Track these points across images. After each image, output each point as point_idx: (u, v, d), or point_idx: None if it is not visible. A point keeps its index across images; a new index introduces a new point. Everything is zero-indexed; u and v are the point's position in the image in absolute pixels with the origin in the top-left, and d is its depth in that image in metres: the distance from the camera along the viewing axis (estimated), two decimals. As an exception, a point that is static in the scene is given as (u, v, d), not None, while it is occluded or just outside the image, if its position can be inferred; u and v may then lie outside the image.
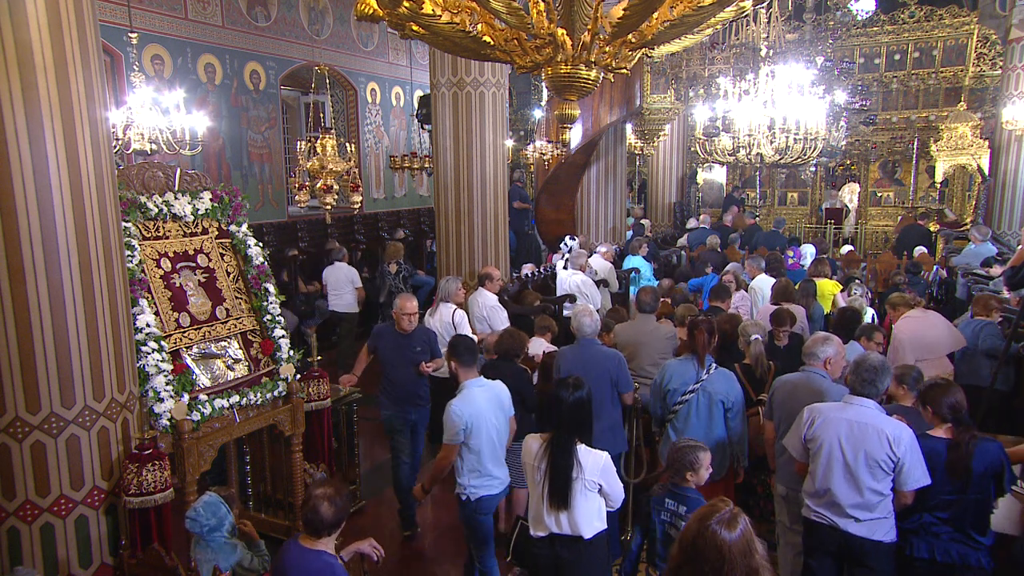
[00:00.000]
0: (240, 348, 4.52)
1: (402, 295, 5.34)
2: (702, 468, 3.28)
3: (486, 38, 2.37)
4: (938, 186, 13.95)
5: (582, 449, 3.21)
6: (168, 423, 3.79)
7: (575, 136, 10.03)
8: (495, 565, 4.05)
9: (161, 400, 3.79)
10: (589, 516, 3.23)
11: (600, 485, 3.21)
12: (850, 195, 16.09)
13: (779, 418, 4.02)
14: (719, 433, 4.29)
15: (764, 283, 7.44)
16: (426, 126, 11.01)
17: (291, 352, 4.67)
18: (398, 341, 5.17)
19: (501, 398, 4.02)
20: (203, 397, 4.03)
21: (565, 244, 9.06)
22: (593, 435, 3.43)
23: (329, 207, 6.08)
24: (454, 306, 6.15)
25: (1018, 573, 3.38)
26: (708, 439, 4.18)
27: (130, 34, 7.09)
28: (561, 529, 3.25)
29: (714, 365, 4.37)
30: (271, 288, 4.75)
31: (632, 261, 9.50)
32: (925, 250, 11.20)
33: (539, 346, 5.72)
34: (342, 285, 8.65)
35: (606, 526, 3.33)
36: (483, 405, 3.88)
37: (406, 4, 2.11)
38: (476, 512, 3.92)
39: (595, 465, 3.20)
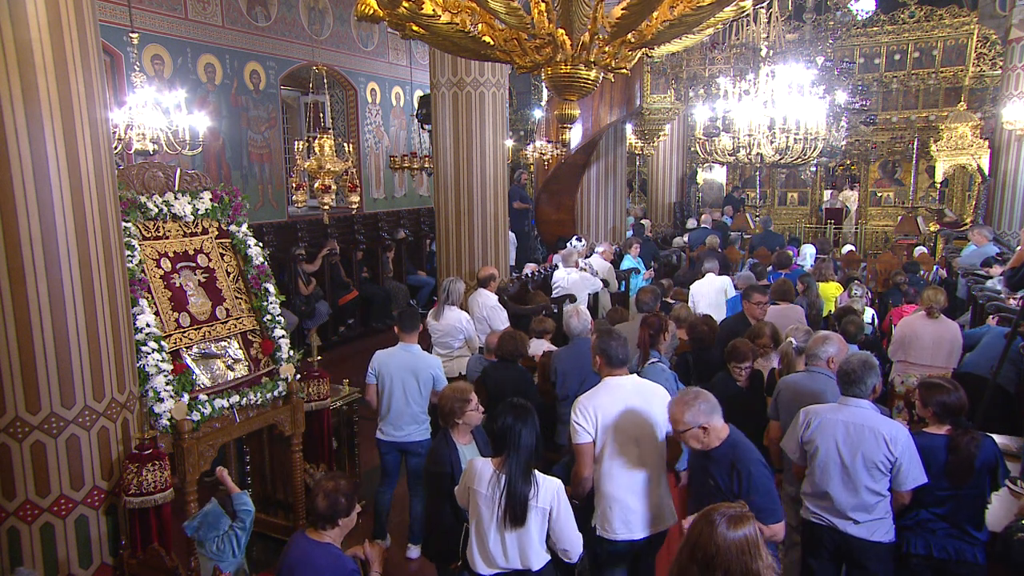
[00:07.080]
0: (240, 348, 4.53)
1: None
2: None
3: (486, 38, 2.37)
4: (938, 186, 13.94)
5: (538, 474, 3.07)
6: (168, 423, 3.79)
7: (575, 136, 10.03)
8: (384, 498, 4.90)
9: (161, 400, 3.79)
10: (541, 543, 3.07)
11: (550, 511, 3.03)
12: (849, 197, 16.08)
13: (784, 419, 4.02)
14: None
15: (700, 287, 7.35)
16: (426, 126, 11.00)
17: (291, 352, 4.67)
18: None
19: (417, 366, 4.68)
20: (203, 397, 4.03)
21: (571, 244, 9.05)
22: None
23: (327, 207, 6.07)
24: (462, 311, 6.07)
25: (1006, 569, 3.38)
26: None
27: (130, 34, 7.09)
28: (509, 562, 3.05)
29: (653, 360, 4.28)
30: (271, 288, 4.75)
31: (626, 261, 9.51)
32: (925, 250, 11.19)
33: (539, 346, 5.71)
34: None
35: (550, 557, 3.14)
36: (394, 362, 4.67)
37: (406, 4, 2.11)
38: (379, 450, 4.82)
39: (548, 491, 3.03)
